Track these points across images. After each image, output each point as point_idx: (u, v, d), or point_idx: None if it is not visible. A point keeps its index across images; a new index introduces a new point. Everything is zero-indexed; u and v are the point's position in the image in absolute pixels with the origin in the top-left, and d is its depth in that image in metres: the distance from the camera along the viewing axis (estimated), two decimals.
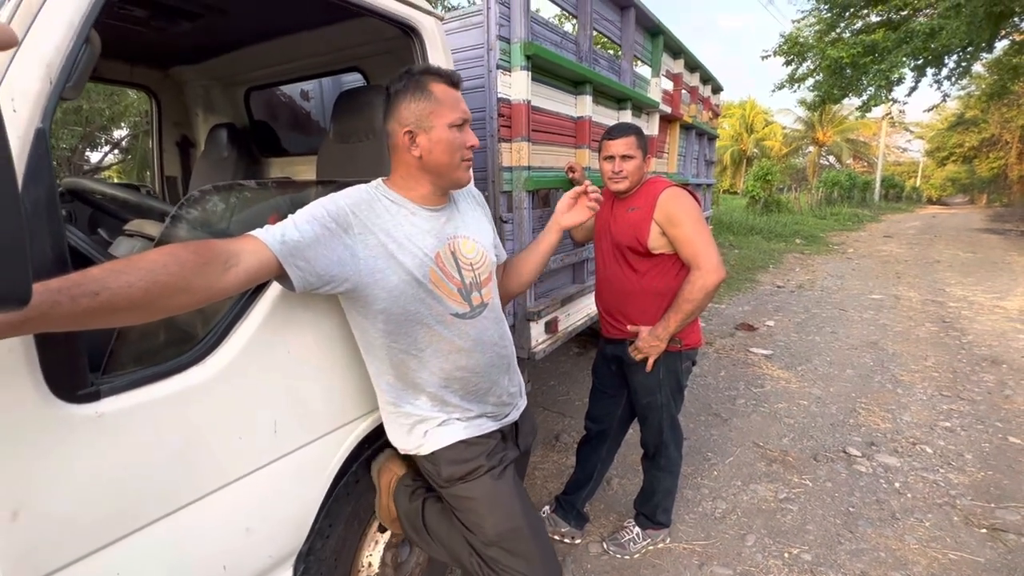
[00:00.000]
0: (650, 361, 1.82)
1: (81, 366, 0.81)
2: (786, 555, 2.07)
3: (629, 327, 1.86)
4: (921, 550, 2.10)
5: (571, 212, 1.42)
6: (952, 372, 4.02)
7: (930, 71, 11.86)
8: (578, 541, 2.15)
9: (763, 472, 2.66)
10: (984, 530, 2.22)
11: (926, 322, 5.45)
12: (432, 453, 1.22)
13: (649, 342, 1.79)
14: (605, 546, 2.10)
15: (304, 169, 2.51)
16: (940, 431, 3.09)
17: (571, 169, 2.27)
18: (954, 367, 4.13)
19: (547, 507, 2.23)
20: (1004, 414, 3.30)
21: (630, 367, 1.90)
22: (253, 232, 0.96)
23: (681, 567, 2.01)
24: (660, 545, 2.12)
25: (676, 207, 1.74)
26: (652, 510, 2.09)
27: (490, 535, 1.18)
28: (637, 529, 2.11)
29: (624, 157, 1.79)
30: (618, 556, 2.05)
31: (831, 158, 38.51)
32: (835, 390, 3.69)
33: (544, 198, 2.58)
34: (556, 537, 2.13)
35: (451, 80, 1.13)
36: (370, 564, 1.46)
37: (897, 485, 2.55)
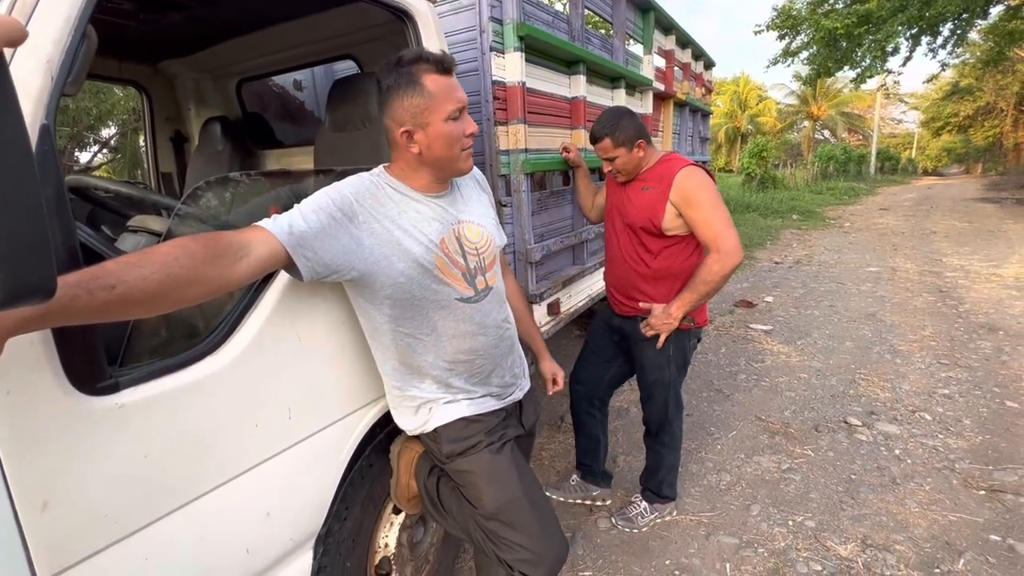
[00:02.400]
0: (661, 338, 1.82)
1: (99, 359, 0.83)
2: (790, 523, 2.12)
3: (642, 304, 1.86)
4: (921, 513, 2.16)
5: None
6: (950, 340, 4.07)
7: (925, 39, 11.75)
8: (608, 502, 2.23)
9: (766, 444, 2.70)
10: (982, 492, 2.27)
11: (923, 292, 5.49)
12: (435, 430, 1.24)
13: (663, 319, 1.78)
14: (614, 521, 2.15)
15: (300, 161, 2.50)
16: (939, 398, 3.14)
17: (565, 149, 2.27)
18: (952, 335, 4.17)
19: (574, 476, 2.30)
20: (1001, 379, 3.35)
21: (639, 343, 1.91)
22: (261, 223, 0.96)
23: (688, 538, 2.06)
24: (667, 518, 2.17)
25: (694, 188, 1.69)
26: (658, 485, 2.13)
27: (489, 508, 1.21)
28: (644, 504, 2.16)
29: (608, 159, 1.80)
30: (627, 530, 2.10)
31: (826, 132, 38.27)
32: (835, 362, 3.74)
33: (540, 181, 2.58)
34: (587, 502, 2.23)
35: (442, 66, 1.06)
36: (386, 545, 1.50)
37: (897, 452, 2.60)
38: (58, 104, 0.78)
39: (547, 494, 2.18)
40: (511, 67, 1.96)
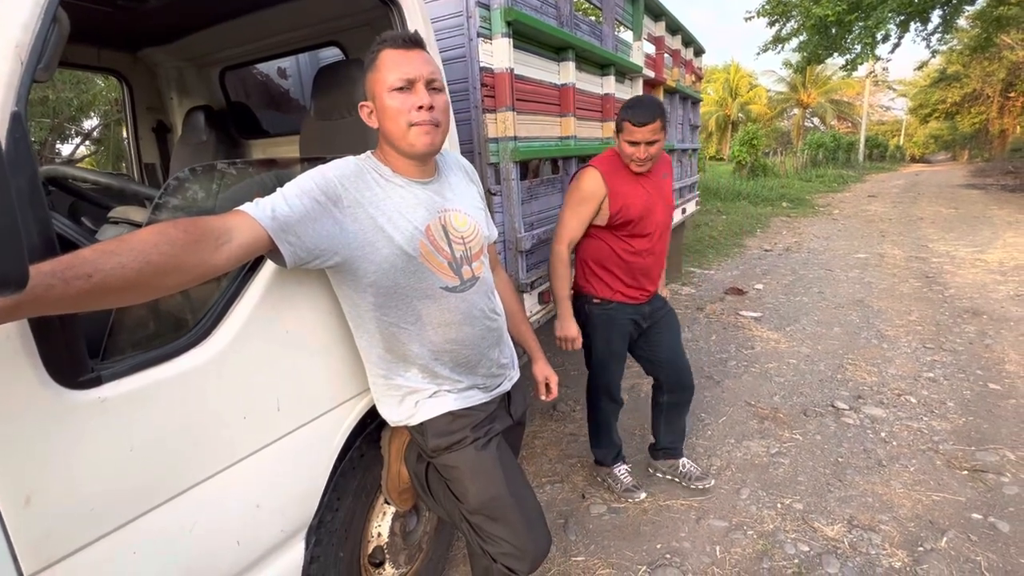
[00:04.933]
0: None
1: (80, 352, 0.81)
2: (779, 505, 2.16)
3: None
4: (906, 493, 2.20)
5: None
6: (935, 325, 4.13)
7: (914, 26, 11.78)
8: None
9: (755, 429, 2.74)
10: (965, 472, 2.32)
11: (910, 278, 5.56)
12: (421, 424, 1.23)
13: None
14: (700, 486, 2.25)
15: (286, 150, 2.46)
16: (924, 382, 3.20)
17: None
18: (937, 320, 4.24)
19: (621, 467, 2.33)
20: (984, 362, 3.41)
21: (666, 311, 2.15)
22: (243, 207, 0.94)
23: (679, 522, 2.09)
24: (663, 502, 2.20)
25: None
26: (684, 436, 2.36)
27: (473, 504, 1.22)
28: (688, 461, 2.34)
29: (649, 143, 1.79)
30: (710, 483, 2.26)
31: (815, 120, 38.40)
32: (823, 348, 3.78)
33: (531, 169, 2.57)
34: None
35: (396, 42, 1.07)
36: (379, 534, 1.50)
37: (883, 435, 2.64)
38: (29, 91, 0.76)
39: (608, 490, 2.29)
40: (499, 53, 1.94)
